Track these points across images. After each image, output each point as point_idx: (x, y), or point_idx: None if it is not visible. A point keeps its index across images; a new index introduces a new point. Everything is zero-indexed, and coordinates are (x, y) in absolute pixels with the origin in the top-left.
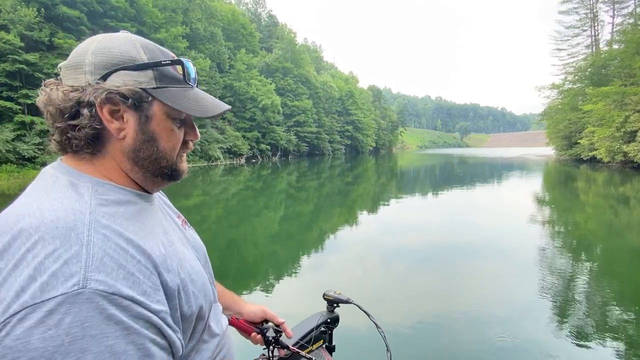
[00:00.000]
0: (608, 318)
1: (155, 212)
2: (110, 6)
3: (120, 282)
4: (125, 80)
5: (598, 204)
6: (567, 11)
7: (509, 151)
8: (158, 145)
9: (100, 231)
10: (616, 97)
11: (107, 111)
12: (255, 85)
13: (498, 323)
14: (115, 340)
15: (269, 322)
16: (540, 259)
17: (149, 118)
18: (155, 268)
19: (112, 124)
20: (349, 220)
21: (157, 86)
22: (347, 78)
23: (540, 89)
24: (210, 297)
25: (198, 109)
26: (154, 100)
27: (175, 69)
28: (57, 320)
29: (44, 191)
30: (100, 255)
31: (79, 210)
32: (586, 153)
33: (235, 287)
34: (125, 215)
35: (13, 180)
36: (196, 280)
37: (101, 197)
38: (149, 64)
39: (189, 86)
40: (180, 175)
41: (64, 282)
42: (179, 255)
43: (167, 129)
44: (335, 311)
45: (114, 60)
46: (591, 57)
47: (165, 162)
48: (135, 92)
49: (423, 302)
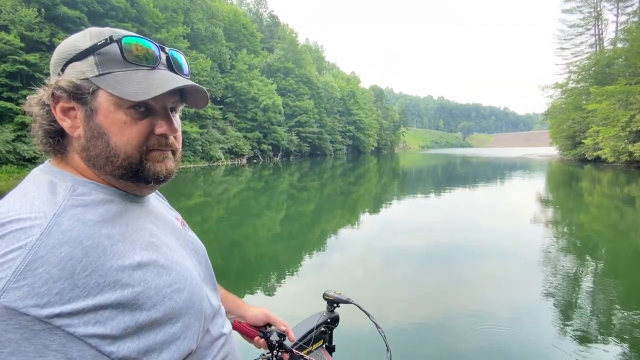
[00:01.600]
0: (613, 320)
1: (144, 213)
2: (110, 6)
3: (46, 299)
4: (71, 72)
5: (603, 205)
6: (570, 10)
7: (512, 151)
8: (108, 141)
9: (55, 237)
10: (621, 96)
11: (59, 109)
12: (257, 86)
13: (500, 323)
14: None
15: (272, 325)
16: (544, 260)
17: (93, 111)
18: (112, 283)
19: (63, 122)
20: (350, 221)
21: (99, 73)
22: (349, 78)
23: (543, 89)
24: (201, 304)
25: (138, 91)
26: (98, 89)
27: (121, 49)
28: None
29: (23, 191)
30: (36, 264)
31: (43, 213)
32: (590, 153)
33: (236, 287)
34: (104, 215)
35: (13, 181)
36: (182, 289)
37: (79, 197)
38: (88, 50)
39: (142, 67)
40: (150, 176)
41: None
42: (165, 260)
43: (118, 122)
44: (335, 311)
45: (64, 54)
46: (595, 56)
47: (121, 160)
48: (72, 83)
49: (423, 302)
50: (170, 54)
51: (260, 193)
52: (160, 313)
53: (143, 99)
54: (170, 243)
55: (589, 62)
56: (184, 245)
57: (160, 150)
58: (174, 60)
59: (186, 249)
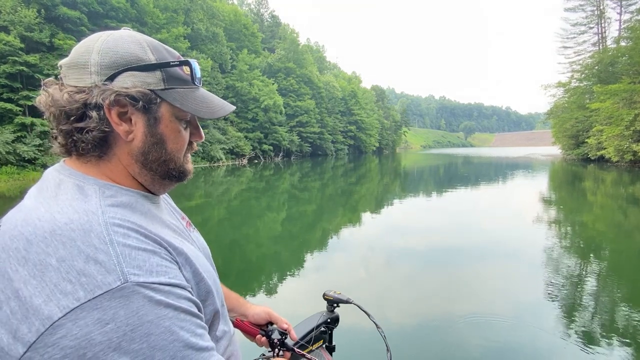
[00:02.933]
0: (617, 322)
1: (161, 214)
2: (110, 7)
3: (155, 271)
4: (134, 81)
5: (607, 205)
6: (573, 8)
7: (514, 151)
8: (166, 147)
9: (118, 230)
10: (625, 94)
11: (115, 113)
12: (258, 86)
13: (501, 324)
14: (170, 320)
15: (274, 324)
16: (547, 261)
17: (157, 120)
18: (173, 258)
19: (120, 127)
20: (352, 221)
21: (165, 87)
22: (350, 78)
23: (546, 88)
24: (222, 297)
25: (205, 110)
26: (162, 101)
27: (182, 70)
28: (112, 315)
29: (50, 194)
30: (127, 251)
31: (91, 212)
32: (594, 152)
33: (237, 287)
34: (134, 215)
35: (13, 182)
36: (209, 276)
37: (110, 199)
38: (157, 65)
39: (195, 87)
40: (186, 175)
41: (104, 280)
42: (191, 252)
43: (175, 131)
44: (335, 311)
45: (120, 60)
46: (598, 55)
47: (174, 164)
48: (145, 94)
49: (424, 303)
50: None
51: (261, 193)
52: (202, 300)
53: (210, 117)
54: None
55: (592, 61)
56: (193, 244)
57: (189, 154)
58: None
59: (195, 247)
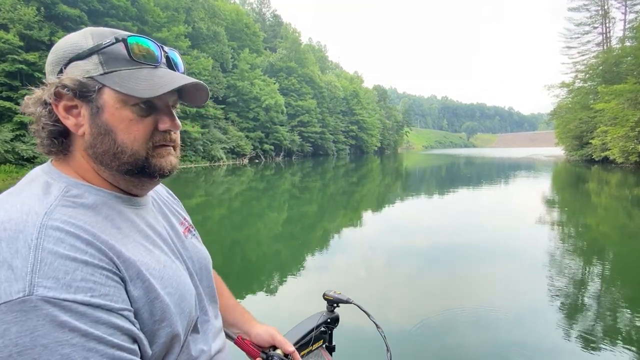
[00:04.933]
0: (620, 324)
1: (139, 217)
2: (111, 5)
3: (75, 286)
4: (73, 71)
5: (611, 207)
6: (577, 8)
7: (517, 151)
8: (115, 138)
9: (53, 233)
10: (630, 95)
11: (62, 107)
12: (259, 85)
13: (501, 324)
14: (72, 348)
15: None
16: (549, 262)
17: (99, 109)
18: (117, 272)
19: (67, 120)
20: (352, 221)
21: (104, 71)
22: (352, 78)
23: (549, 88)
24: (191, 315)
25: (145, 87)
26: (103, 87)
27: (123, 49)
28: (2, 330)
29: (17, 190)
30: (50, 259)
31: (34, 211)
32: (598, 153)
33: (237, 287)
34: (95, 217)
35: (11, 180)
36: (172, 293)
37: (71, 198)
38: (93, 49)
39: (146, 65)
40: (156, 171)
41: (8, 289)
42: (157, 264)
43: (125, 119)
44: (335, 311)
45: (65, 53)
46: (602, 55)
47: (127, 156)
48: (78, 82)
49: (424, 303)
50: (168, 54)
51: (262, 193)
52: (154, 320)
53: (151, 95)
54: (164, 248)
55: (596, 61)
56: (177, 254)
57: (164, 146)
58: (172, 59)
59: (178, 257)
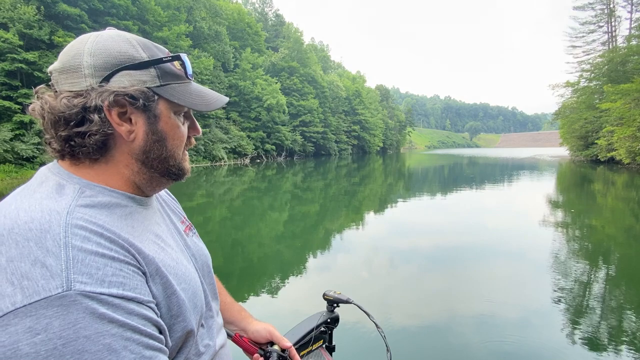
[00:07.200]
0: (624, 327)
1: (149, 216)
2: (111, 4)
3: (107, 281)
4: (130, 80)
5: (617, 208)
6: (582, 7)
7: (520, 151)
8: (167, 144)
9: (79, 232)
10: (637, 94)
11: (115, 114)
12: (261, 85)
13: (502, 325)
14: (112, 338)
15: (275, 344)
16: (553, 263)
17: (157, 117)
18: (140, 267)
19: (122, 127)
20: (355, 222)
21: (160, 84)
22: (355, 77)
23: (554, 87)
24: (202, 310)
25: (201, 103)
26: (159, 98)
27: (174, 65)
28: (45, 324)
29: (29, 191)
30: (81, 256)
31: (55, 211)
32: (604, 154)
33: (238, 286)
34: (111, 216)
35: (11, 180)
36: (186, 289)
37: (87, 198)
38: (151, 62)
39: (188, 80)
40: (185, 174)
41: (46, 285)
42: (171, 261)
43: (175, 127)
44: (335, 311)
45: (114, 60)
46: (608, 54)
47: (173, 160)
48: (143, 92)
49: (424, 303)
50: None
51: (263, 193)
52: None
53: (207, 110)
54: (173, 245)
55: (601, 60)
56: (184, 250)
57: (186, 150)
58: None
59: (185, 254)
